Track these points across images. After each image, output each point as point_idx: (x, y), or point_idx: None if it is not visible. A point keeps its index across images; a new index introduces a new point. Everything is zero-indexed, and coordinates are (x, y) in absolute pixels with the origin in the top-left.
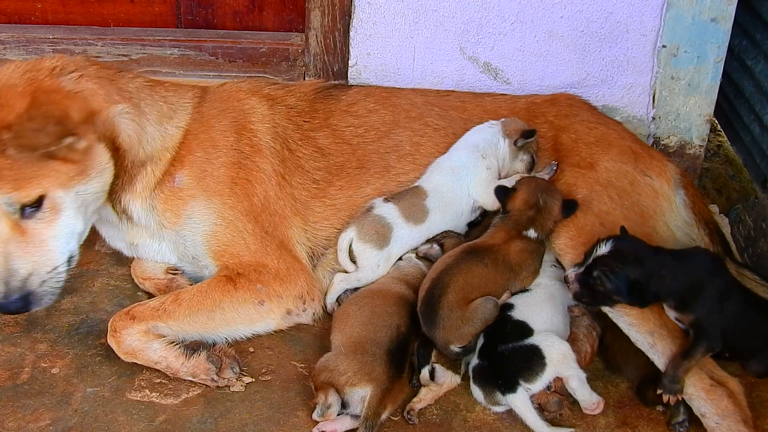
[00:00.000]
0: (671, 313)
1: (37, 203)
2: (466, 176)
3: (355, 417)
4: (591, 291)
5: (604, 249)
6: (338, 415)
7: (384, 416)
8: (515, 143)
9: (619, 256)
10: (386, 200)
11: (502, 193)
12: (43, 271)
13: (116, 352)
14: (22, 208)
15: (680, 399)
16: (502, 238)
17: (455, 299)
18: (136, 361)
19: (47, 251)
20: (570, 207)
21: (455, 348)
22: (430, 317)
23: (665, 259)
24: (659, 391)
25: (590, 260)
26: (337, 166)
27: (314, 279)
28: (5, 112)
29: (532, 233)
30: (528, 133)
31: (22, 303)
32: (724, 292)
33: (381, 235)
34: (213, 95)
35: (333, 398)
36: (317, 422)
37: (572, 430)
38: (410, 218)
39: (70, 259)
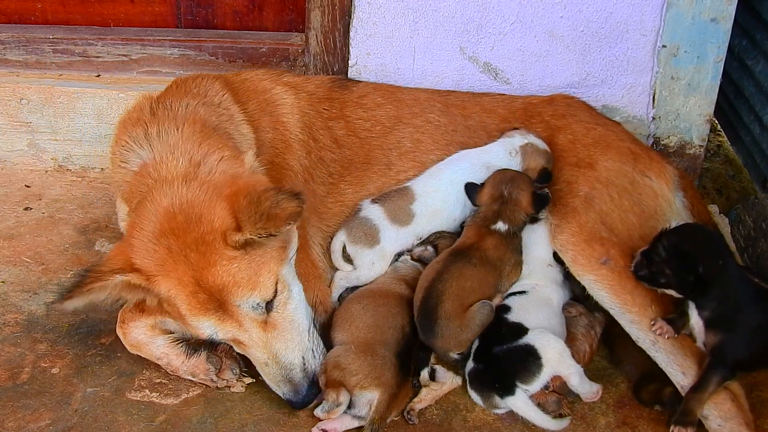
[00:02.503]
0: (700, 337)
1: (275, 291)
2: None
3: (356, 417)
4: (650, 263)
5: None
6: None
7: (388, 420)
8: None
9: (694, 240)
10: (373, 201)
11: (470, 189)
12: (308, 347)
13: (122, 343)
14: (268, 304)
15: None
16: (475, 235)
17: (452, 308)
18: (140, 354)
19: (299, 326)
20: (541, 200)
21: (454, 355)
22: (429, 327)
23: (731, 267)
24: (672, 429)
25: (659, 235)
26: (348, 160)
27: (327, 286)
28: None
29: (501, 226)
30: (545, 176)
31: (315, 389)
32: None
33: (369, 236)
34: (239, 86)
35: (344, 398)
36: (317, 422)
37: (569, 418)
38: (395, 221)
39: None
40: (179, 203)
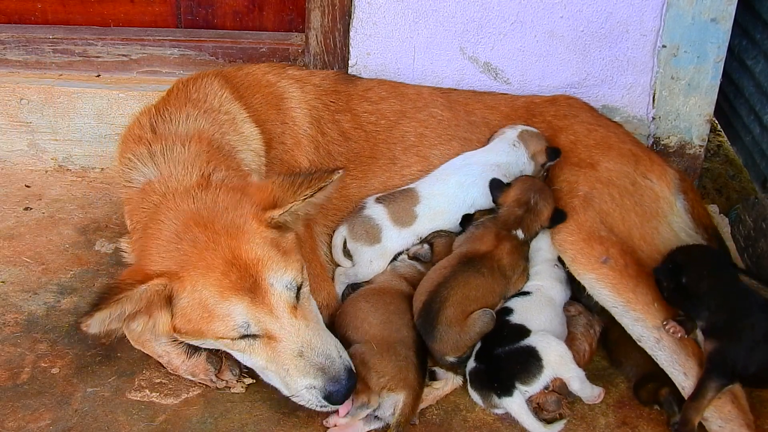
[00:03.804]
0: (702, 345)
1: (302, 279)
2: (476, 191)
3: (374, 418)
4: (660, 270)
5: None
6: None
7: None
8: (542, 165)
9: (686, 255)
10: (378, 201)
11: (495, 185)
12: (334, 337)
13: (127, 337)
14: (298, 290)
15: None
16: (492, 241)
17: (454, 314)
18: (142, 350)
19: (321, 321)
20: (558, 217)
21: (451, 359)
22: (428, 331)
23: (723, 281)
24: None
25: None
26: (355, 153)
27: (334, 288)
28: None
29: (519, 234)
30: (554, 153)
31: (352, 374)
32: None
33: (371, 235)
34: (241, 81)
35: (374, 401)
36: (319, 422)
37: (564, 420)
38: (398, 222)
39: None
40: (202, 202)
